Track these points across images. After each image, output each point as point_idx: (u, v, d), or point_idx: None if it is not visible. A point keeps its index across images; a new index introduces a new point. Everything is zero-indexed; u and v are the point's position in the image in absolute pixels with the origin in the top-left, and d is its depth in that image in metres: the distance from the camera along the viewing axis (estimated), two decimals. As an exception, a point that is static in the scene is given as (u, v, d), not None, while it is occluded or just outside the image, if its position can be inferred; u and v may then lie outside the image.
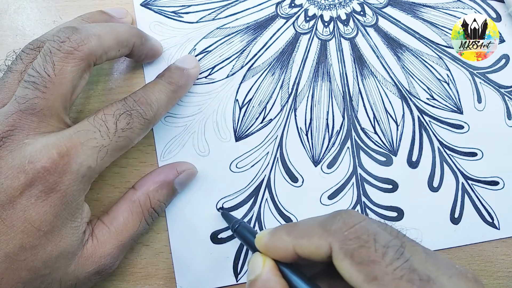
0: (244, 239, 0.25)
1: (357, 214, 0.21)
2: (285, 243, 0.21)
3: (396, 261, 0.18)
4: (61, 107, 0.24)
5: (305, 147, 0.31)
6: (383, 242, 0.19)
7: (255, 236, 0.23)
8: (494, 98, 0.33)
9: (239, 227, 0.26)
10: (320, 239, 0.20)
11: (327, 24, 0.34)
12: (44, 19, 0.33)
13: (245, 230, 0.25)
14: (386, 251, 0.19)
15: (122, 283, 0.29)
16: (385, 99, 0.32)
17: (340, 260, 0.19)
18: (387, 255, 0.18)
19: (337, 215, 0.21)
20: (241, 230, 0.26)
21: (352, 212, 0.21)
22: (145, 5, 0.34)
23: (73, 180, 0.22)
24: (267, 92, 0.32)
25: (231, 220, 0.27)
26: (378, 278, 0.18)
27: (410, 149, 0.32)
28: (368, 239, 0.19)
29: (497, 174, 0.31)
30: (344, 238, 0.19)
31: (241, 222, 0.26)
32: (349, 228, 0.20)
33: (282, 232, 0.22)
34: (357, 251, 0.19)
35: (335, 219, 0.21)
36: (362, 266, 0.18)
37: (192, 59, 0.31)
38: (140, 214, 0.27)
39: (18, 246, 0.22)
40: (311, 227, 0.21)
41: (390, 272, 0.18)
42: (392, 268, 0.18)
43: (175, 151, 0.31)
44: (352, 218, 0.20)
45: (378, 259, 0.18)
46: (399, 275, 0.18)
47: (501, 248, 0.30)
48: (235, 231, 0.26)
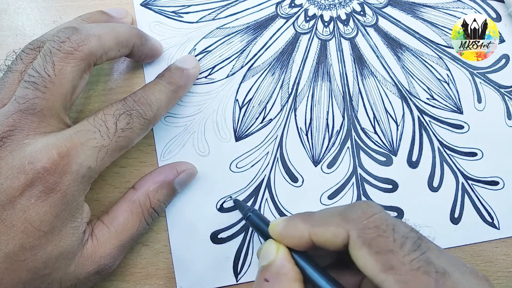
0: (256, 226, 0.25)
1: (376, 204, 0.21)
2: (301, 230, 0.21)
3: (414, 252, 0.18)
4: (61, 107, 0.24)
5: (305, 147, 0.31)
6: (402, 233, 0.19)
7: (268, 224, 0.24)
8: (494, 98, 0.33)
9: (252, 215, 0.26)
10: (338, 227, 0.20)
11: (327, 24, 0.34)
12: (44, 19, 0.33)
13: (257, 218, 0.26)
14: (404, 241, 0.19)
15: (122, 283, 0.29)
16: (385, 99, 0.32)
17: (358, 248, 0.19)
18: (405, 246, 0.19)
19: (356, 204, 0.21)
20: (254, 217, 0.26)
21: (370, 203, 0.21)
22: (145, 5, 0.34)
23: (73, 180, 0.22)
24: (267, 92, 0.32)
25: (243, 208, 0.28)
26: (395, 268, 0.18)
27: (410, 149, 0.32)
28: (387, 229, 0.19)
29: (497, 174, 0.31)
30: (363, 227, 0.20)
31: (253, 209, 0.26)
32: (368, 218, 0.20)
33: (298, 219, 0.22)
34: (375, 240, 0.19)
35: (354, 208, 0.21)
36: (380, 255, 0.19)
37: (192, 59, 0.31)
38: (140, 214, 0.27)
39: (18, 246, 0.22)
40: (328, 215, 0.21)
41: (407, 262, 0.18)
42: (409, 258, 0.18)
43: (175, 151, 0.31)
44: (371, 208, 0.21)
45: (396, 249, 0.18)
46: (416, 266, 0.18)
47: (501, 248, 0.30)
48: (247, 219, 0.26)
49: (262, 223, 0.25)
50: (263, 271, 0.21)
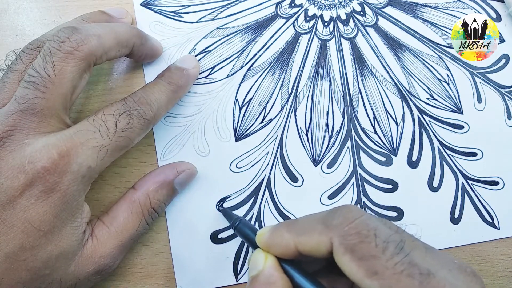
0: (244, 236, 0.25)
1: (356, 209, 0.21)
2: (286, 240, 0.21)
3: (396, 256, 0.18)
4: (61, 107, 0.24)
5: (305, 147, 0.31)
6: (383, 237, 0.19)
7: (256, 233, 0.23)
8: (494, 98, 0.33)
9: (239, 224, 0.26)
10: (321, 235, 0.20)
11: (327, 24, 0.34)
12: (44, 19, 0.33)
13: (245, 227, 0.25)
14: (386, 246, 0.19)
15: (122, 283, 0.29)
16: (385, 99, 0.32)
17: (341, 255, 0.19)
18: (387, 250, 0.18)
19: (337, 210, 0.21)
20: (242, 227, 0.26)
21: (351, 207, 0.21)
22: (145, 5, 0.34)
23: (73, 180, 0.22)
24: (267, 92, 0.32)
25: (231, 218, 0.27)
26: (378, 273, 0.18)
27: (410, 149, 0.32)
28: (368, 234, 0.19)
29: (497, 174, 0.31)
30: (345, 234, 0.20)
31: (241, 219, 0.26)
32: (349, 223, 0.20)
33: (282, 229, 0.22)
34: (357, 246, 0.19)
35: (335, 214, 0.21)
36: (363, 261, 0.18)
37: (192, 59, 0.31)
38: (140, 214, 0.27)
39: (18, 246, 0.22)
40: (311, 223, 0.21)
41: (390, 266, 0.18)
42: (392, 262, 0.18)
43: (175, 151, 0.31)
44: (351, 213, 0.20)
45: (379, 254, 0.18)
46: (399, 269, 0.18)
47: (501, 248, 0.30)
48: (235, 229, 0.26)
49: (251, 232, 0.25)
50: (253, 282, 0.21)
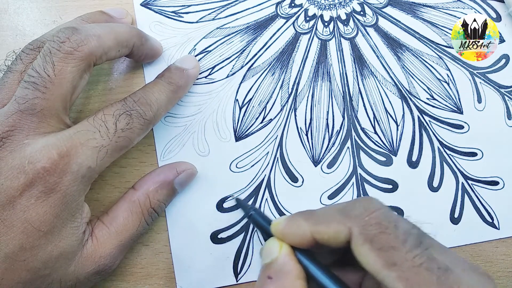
0: (258, 225, 0.25)
1: (377, 201, 0.21)
2: (303, 228, 0.21)
3: (416, 248, 0.18)
4: (61, 108, 0.24)
5: (305, 147, 0.31)
6: (404, 229, 0.19)
7: (270, 223, 0.24)
8: (494, 98, 0.33)
9: (254, 213, 0.26)
10: (340, 224, 0.20)
11: (327, 24, 0.34)
12: (44, 19, 0.33)
13: (259, 217, 0.25)
14: (406, 238, 0.19)
15: (122, 283, 0.29)
16: (385, 99, 0.32)
17: (360, 245, 0.19)
18: (407, 242, 0.19)
19: (357, 201, 0.21)
20: (256, 216, 0.26)
21: (372, 199, 0.21)
22: (145, 5, 0.34)
23: (73, 180, 0.22)
24: (267, 92, 0.32)
25: (245, 207, 0.27)
26: (397, 264, 0.18)
27: (410, 149, 0.32)
28: (389, 225, 0.19)
29: (497, 174, 0.31)
30: (365, 224, 0.20)
31: (255, 208, 0.26)
32: (369, 214, 0.20)
33: (300, 218, 0.22)
34: (377, 236, 0.19)
35: (356, 204, 0.21)
36: (382, 251, 0.18)
37: (192, 59, 0.31)
38: (140, 214, 0.27)
39: (18, 246, 0.22)
40: (330, 213, 0.21)
41: (409, 258, 0.18)
42: (412, 255, 0.18)
43: (175, 151, 0.31)
44: (372, 204, 0.21)
45: (398, 245, 0.18)
46: (418, 262, 0.18)
47: (501, 248, 0.30)
48: (249, 218, 0.26)
49: (264, 222, 0.25)
50: (266, 269, 0.21)
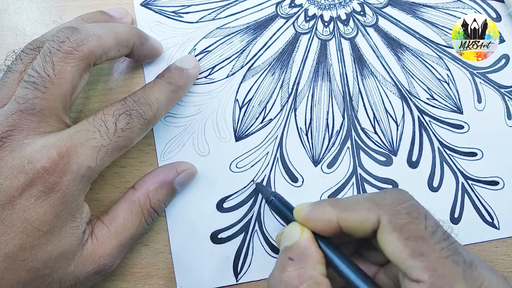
0: (279, 210, 0.25)
1: (407, 192, 0.21)
2: (329, 214, 0.21)
3: (444, 241, 0.19)
4: (60, 107, 0.24)
5: (305, 147, 0.31)
6: (433, 221, 0.20)
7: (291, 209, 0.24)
8: (494, 98, 0.33)
9: (274, 199, 0.26)
10: (369, 212, 0.20)
11: (327, 24, 0.34)
12: (44, 19, 0.33)
13: (280, 203, 0.26)
14: (435, 230, 0.19)
15: (122, 283, 0.29)
16: (385, 99, 0.32)
17: (388, 233, 0.19)
18: (436, 234, 0.19)
19: (388, 191, 0.22)
20: (276, 202, 0.26)
21: (402, 190, 0.22)
22: (145, 5, 0.34)
23: (73, 180, 0.22)
24: (267, 92, 0.32)
25: (265, 192, 0.28)
26: (424, 255, 0.18)
27: (410, 149, 0.32)
28: (419, 216, 0.20)
29: (497, 174, 0.31)
30: (395, 213, 0.20)
31: (276, 194, 0.27)
32: (400, 203, 0.20)
33: (326, 204, 0.22)
34: (406, 226, 0.19)
35: (386, 194, 0.21)
36: (410, 241, 0.19)
37: (192, 59, 0.31)
38: (139, 214, 0.27)
39: (18, 246, 0.22)
40: (358, 201, 0.22)
41: (437, 250, 0.18)
42: (439, 247, 0.18)
43: (175, 151, 0.31)
44: (403, 195, 0.21)
45: (427, 236, 0.19)
46: (445, 254, 0.18)
47: (501, 248, 0.30)
48: (269, 203, 0.26)
49: (285, 207, 0.25)
50: (287, 251, 0.21)
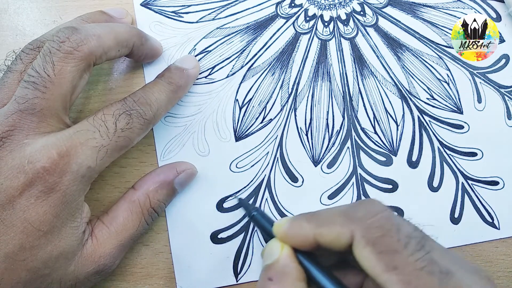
0: (260, 226, 0.25)
1: (380, 203, 0.21)
2: (306, 230, 0.21)
3: (418, 252, 0.18)
4: (60, 107, 0.24)
5: (305, 147, 0.31)
6: (406, 232, 0.19)
7: (272, 224, 0.24)
8: (494, 98, 0.33)
9: (256, 214, 0.26)
10: (342, 227, 0.20)
11: (327, 24, 0.34)
12: (44, 19, 0.33)
13: (262, 218, 0.26)
14: (408, 241, 0.19)
15: (122, 283, 0.29)
16: (385, 99, 0.32)
17: (361, 248, 0.19)
18: (409, 246, 0.19)
19: (360, 204, 0.21)
20: (258, 217, 0.26)
21: (375, 202, 0.21)
22: (145, 5, 0.34)
23: (73, 180, 0.22)
24: (267, 92, 0.32)
25: (248, 207, 0.28)
26: (398, 268, 0.18)
27: (410, 149, 0.32)
28: (391, 228, 0.19)
29: (497, 174, 0.31)
30: (367, 226, 0.20)
31: (257, 209, 0.26)
32: (372, 217, 0.20)
33: (302, 219, 0.22)
34: (379, 239, 0.19)
35: (358, 207, 0.21)
36: (383, 255, 0.18)
37: (192, 59, 0.31)
38: (139, 214, 0.27)
39: (18, 246, 0.22)
40: (332, 215, 0.21)
41: (411, 262, 0.18)
42: (413, 258, 0.18)
43: (175, 151, 0.31)
44: (375, 207, 0.21)
45: (400, 249, 0.18)
46: (420, 266, 0.18)
47: (501, 248, 0.30)
48: (252, 218, 0.26)
49: (267, 222, 0.25)
50: (267, 270, 0.21)
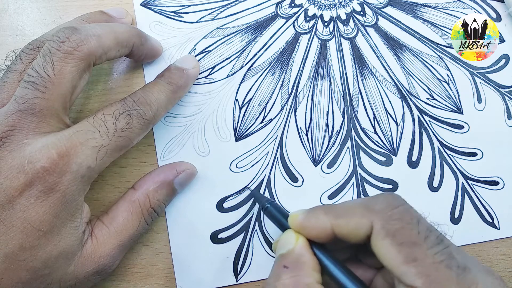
0: (274, 218, 0.25)
1: (400, 197, 0.21)
2: (323, 221, 0.21)
3: (437, 246, 0.19)
4: (60, 107, 0.24)
5: (305, 147, 0.31)
6: (426, 226, 0.19)
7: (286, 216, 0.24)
8: (494, 98, 0.33)
9: (269, 206, 0.26)
10: (362, 217, 0.20)
11: (327, 24, 0.34)
12: (44, 19, 0.33)
13: (275, 209, 0.26)
14: (428, 234, 0.19)
15: (122, 283, 0.29)
16: (385, 99, 0.32)
17: (381, 239, 0.19)
18: (429, 239, 0.19)
19: (380, 196, 0.21)
20: (272, 209, 0.26)
21: (395, 195, 0.21)
22: (145, 5, 0.34)
23: (73, 180, 0.22)
24: (267, 92, 0.32)
25: (261, 199, 0.28)
26: (418, 260, 0.18)
27: (410, 149, 0.32)
28: (411, 221, 0.19)
29: (497, 174, 0.31)
30: (388, 218, 0.20)
31: (271, 201, 0.27)
32: (393, 209, 0.20)
33: (320, 211, 0.22)
34: (399, 231, 0.19)
35: (378, 199, 0.21)
36: (403, 247, 0.19)
37: (192, 59, 0.31)
38: (139, 214, 0.27)
39: (18, 246, 0.22)
40: (351, 206, 0.21)
41: (430, 255, 0.18)
42: (433, 251, 0.18)
43: (175, 151, 0.31)
44: (395, 200, 0.21)
45: (420, 241, 0.19)
46: (439, 259, 0.18)
47: (501, 248, 0.30)
48: (265, 210, 0.26)
49: (280, 214, 0.25)
50: (282, 258, 0.21)
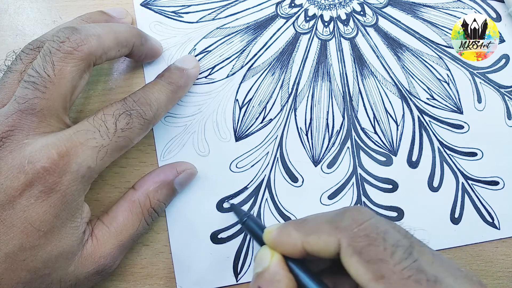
0: (252, 232, 0.25)
1: (366, 210, 0.21)
2: (294, 239, 0.21)
3: (404, 260, 0.18)
4: (60, 107, 0.24)
5: (305, 147, 0.31)
6: (392, 241, 0.19)
7: (263, 230, 0.23)
8: (494, 98, 0.33)
9: (247, 220, 0.26)
10: (329, 235, 0.20)
11: (327, 24, 0.34)
12: (44, 19, 0.33)
13: (253, 224, 0.26)
14: (394, 250, 0.19)
15: (122, 283, 0.29)
16: (385, 99, 0.32)
17: (348, 257, 0.19)
18: (395, 254, 0.18)
19: (346, 211, 0.21)
20: (250, 223, 0.26)
21: (361, 209, 0.21)
22: (145, 5, 0.34)
23: (73, 180, 0.22)
24: (267, 92, 0.32)
25: (239, 213, 0.27)
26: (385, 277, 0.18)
27: (410, 149, 0.32)
28: (377, 237, 0.19)
29: (497, 174, 0.31)
30: (353, 235, 0.19)
31: (249, 215, 0.26)
32: (358, 225, 0.20)
33: (290, 227, 0.22)
34: (365, 249, 0.19)
35: (344, 215, 0.21)
36: (370, 264, 0.18)
37: (192, 59, 0.31)
38: (139, 214, 0.27)
39: (18, 246, 0.22)
40: (320, 223, 0.21)
41: (398, 271, 0.18)
42: (400, 267, 0.18)
43: (175, 151, 0.31)
44: (361, 215, 0.20)
45: (387, 258, 0.18)
46: (406, 275, 0.18)
47: (501, 248, 0.30)
48: (243, 224, 0.26)
49: (258, 229, 0.25)
50: (257, 278, 0.21)
